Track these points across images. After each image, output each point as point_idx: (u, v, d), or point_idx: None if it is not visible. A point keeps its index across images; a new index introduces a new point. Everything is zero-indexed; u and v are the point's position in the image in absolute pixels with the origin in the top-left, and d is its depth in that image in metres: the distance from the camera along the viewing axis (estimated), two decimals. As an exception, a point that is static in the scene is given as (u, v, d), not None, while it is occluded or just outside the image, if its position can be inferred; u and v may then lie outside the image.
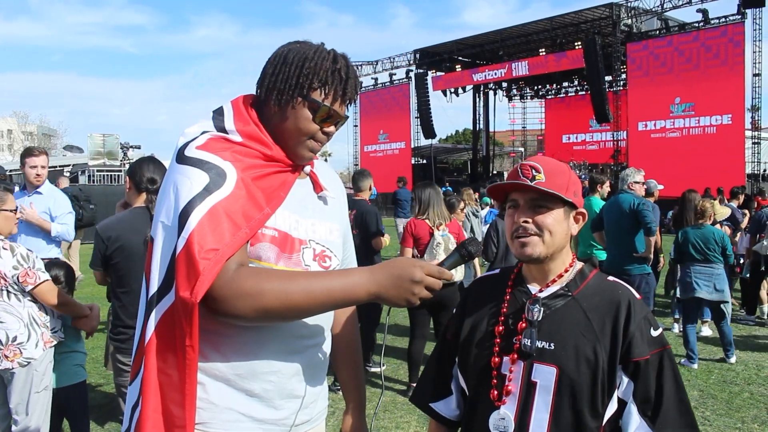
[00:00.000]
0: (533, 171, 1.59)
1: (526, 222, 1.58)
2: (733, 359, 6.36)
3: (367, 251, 5.90)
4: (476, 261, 5.53)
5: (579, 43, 29.07)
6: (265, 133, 1.57)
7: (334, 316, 1.87)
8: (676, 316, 7.78)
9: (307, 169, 1.71)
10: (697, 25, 24.67)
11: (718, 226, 7.20)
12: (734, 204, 10.39)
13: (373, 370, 6.40)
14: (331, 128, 1.61)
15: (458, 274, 5.50)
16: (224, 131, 1.55)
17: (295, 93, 1.54)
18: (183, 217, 1.39)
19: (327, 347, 1.72)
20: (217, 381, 1.50)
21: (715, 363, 6.39)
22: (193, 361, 1.39)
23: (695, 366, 6.36)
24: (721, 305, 6.46)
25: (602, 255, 7.14)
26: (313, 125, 1.56)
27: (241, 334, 1.50)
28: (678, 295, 6.73)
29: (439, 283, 1.46)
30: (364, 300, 1.45)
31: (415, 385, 5.56)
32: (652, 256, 6.31)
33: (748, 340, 7.23)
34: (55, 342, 3.55)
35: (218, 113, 1.60)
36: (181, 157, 1.49)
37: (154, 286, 1.44)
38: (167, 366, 1.42)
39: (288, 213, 1.58)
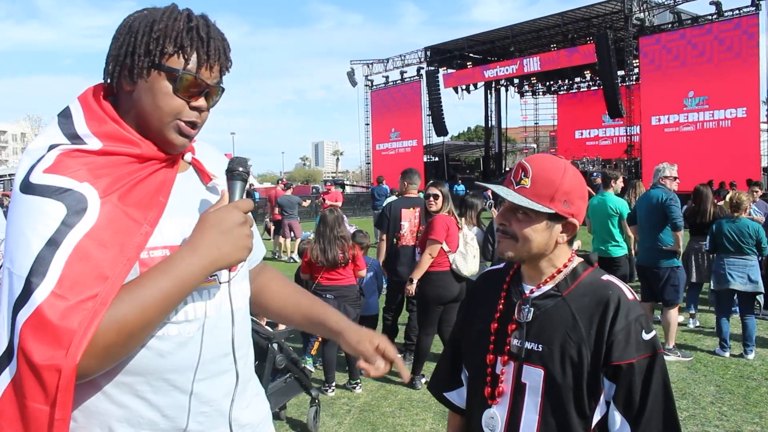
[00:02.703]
0: (522, 173, 1.55)
1: (502, 225, 1.58)
2: (751, 356, 6.30)
3: None
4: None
5: (591, 37, 28.89)
6: (128, 128, 1.31)
7: (265, 285, 1.70)
8: (692, 311, 7.73)
9: (188, 157, 1.45)
10: (710, 17, 24.46)
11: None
12: None
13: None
14: (201, 101, 1.33)
15: (470, 267, 5.58)
16: (77, 138, 1.27)
17: (145, 63, 1.28)
18: (39, 263, 1.13)
19: (251, 352, 1.56)
20: (150, 430, 1.31)
21: (733, 358, 6.34)
22: None
23: (727, 354, 6.39)
24: (756, 296, 6.54)
25: (616, 251, 7.13)
26: (176, 100, 1.30)
27: (164, 372, 1.30)
28: (712, 286, 6.75)
29: (250, 218, 1.34)
30: (204, 276, 1.27)
31: (416, 375, 5.65)
32: (681, 250, 6.32)
33: (765, 335, 7.18)
34: None
35: (64, 116, 1.32)
36: (26, 187, 1.20)
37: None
38: None
39: (177, 220, 1.34)
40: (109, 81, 1.35)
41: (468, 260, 5.63)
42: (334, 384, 5.56)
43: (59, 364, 1.08)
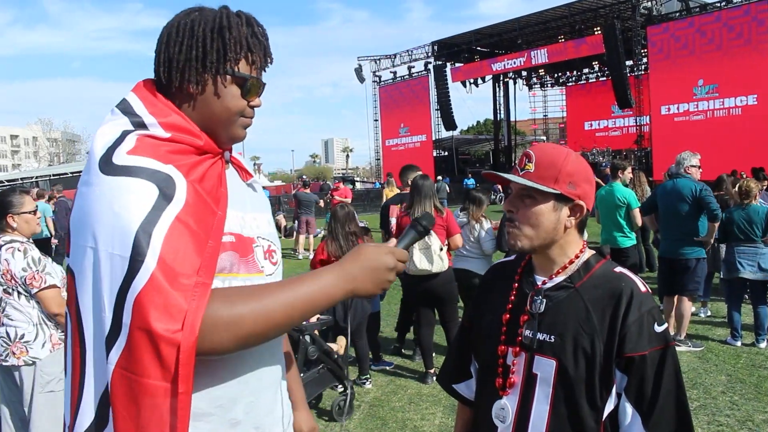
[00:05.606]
0: (526, 160, 1.57)
1: (510, 211, 1.59)
2: (763, 345, 6.26)
3: None
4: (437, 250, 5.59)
5: (598, 28, 28.74)
6: (190, 122, 1.35)
7: None
8: (703, 300, 7.69)
9: (227, 155, 1.51)
10: (718, 4, 24.25)
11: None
12: None
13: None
14: (257, 100, 1.44)
15: (438, 265, 5.56)
16: (143, 126, 1.30)
17: (220, 69, 1.35)
18: (141, 240, 1.14)
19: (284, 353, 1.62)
20: (199, 421, 1.29)
21: (744, 347, 6.30)
22: (187, 409, 1.16)
23: (738, 344, 6.36)
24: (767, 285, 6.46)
25: (625, 242, 7.10)
26: (241, 101, 1.39)
27: (215, 360, 1.32)
28: (722, 275, 6.70)
29: (403, 266, 1.44)
30: (341, 299, 1.38)
31: (431, 371, 5.67)
32: (712, 240, 6.30)
33: (777, 324, 7.13)
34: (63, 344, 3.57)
35: (124, 107, 1.34)
36: (110, 167, 1.21)
37: (99, 329, 1.17)
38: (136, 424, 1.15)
39: (233, 211, 1.39)
40: (163, 77, 1.37)
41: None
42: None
43: (177, 338, 1.10)
